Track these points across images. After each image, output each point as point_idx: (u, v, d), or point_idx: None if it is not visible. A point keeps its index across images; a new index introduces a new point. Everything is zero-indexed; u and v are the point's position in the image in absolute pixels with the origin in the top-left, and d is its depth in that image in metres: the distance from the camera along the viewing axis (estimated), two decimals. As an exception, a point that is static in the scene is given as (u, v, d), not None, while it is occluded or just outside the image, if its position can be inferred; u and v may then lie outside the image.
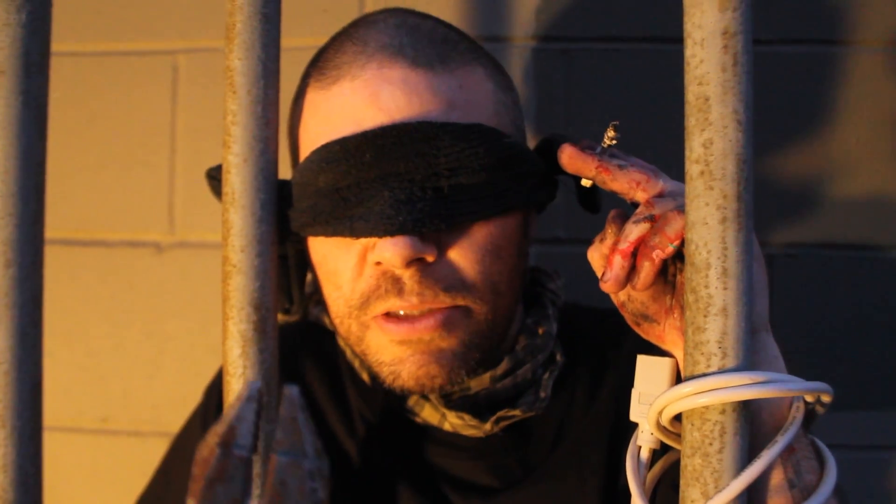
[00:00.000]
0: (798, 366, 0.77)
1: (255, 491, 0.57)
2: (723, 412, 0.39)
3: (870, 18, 0.81)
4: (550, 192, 0.53)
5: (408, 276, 0.47)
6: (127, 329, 0.86)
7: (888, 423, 0.81)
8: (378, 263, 0.48)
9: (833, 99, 0.82)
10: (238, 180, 0.46)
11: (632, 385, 0.51)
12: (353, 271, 0.49)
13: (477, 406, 0.54)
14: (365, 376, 0.58)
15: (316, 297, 0.69)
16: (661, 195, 0.44)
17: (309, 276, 0.59)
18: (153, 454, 0.85)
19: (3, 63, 0.47)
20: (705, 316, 0.39)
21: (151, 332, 0.86)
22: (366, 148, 0.46)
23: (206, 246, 0.85)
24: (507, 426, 0.55)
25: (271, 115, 0.47)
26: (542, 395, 0.54)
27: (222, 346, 0.48)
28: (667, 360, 0.46)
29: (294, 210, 0.49)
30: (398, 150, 0.46)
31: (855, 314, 0.81)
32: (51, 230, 0.86)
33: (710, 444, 0.39)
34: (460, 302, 0.48)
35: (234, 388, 0.47)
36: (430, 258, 0.47)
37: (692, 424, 0.39)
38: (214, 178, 0.53)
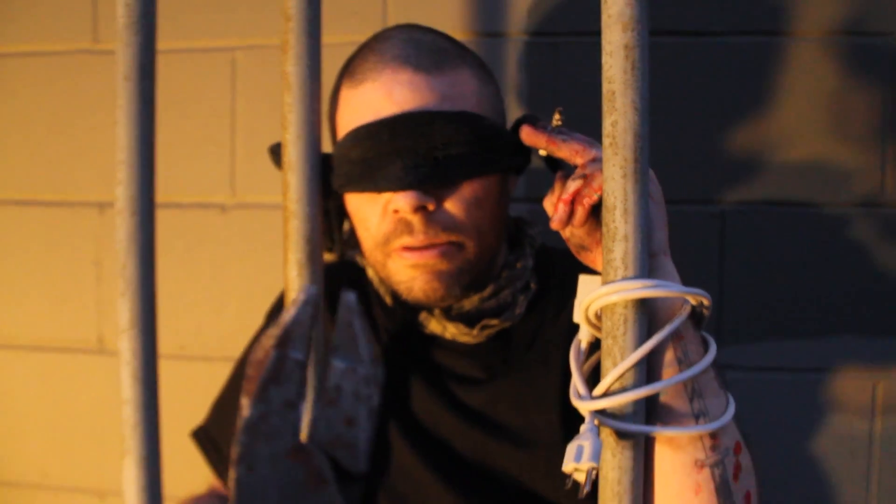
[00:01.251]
0: (747, 302, 0.94)
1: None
2: (625, 307, 0.57)
3: (806, 12, 0.97)
4: (524, 160, 0.71)
5: (416, 220, 0.66)
6: (198, 275, 1.07)
7: (823, 347, 0.98)
8: (395, 211, 0.66)
9: (777, 82, 0.98)
10: (294, 152, 0.65)
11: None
12: (378, 217, 0.68)
13: (469, 319, 0.73)
14: (388, 299, 0.77)
15: (351, 241, 0.88)
16: (594, 160, 0.62)
17: (346, 225, 0.78)
18: (220, 376, 1.06)
19: (128, 72, 0.66)
20: (613, 241, 0.57)
21: (218, 276, 1.07)
22: (383, 130, 0.65)
23: (262, 207, 1.05)
24: (493, 334, 0.74)
25: (316, 105, 0.66)
26: (518, 311, 0.73)
27: (283, 271, 0.67)
28: (597, 276, 0.64)
29: (334, 175, 0.68)
30: (406, 131, 0.64)
31: (794, 259, 0.98)
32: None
33: (617, 329, 0.57)
34: (454, 238, 0.67)
35: (288, 296, 0.66)
36: (430, 207, 0.66)
37: (607, 316, 0.58)
38: (274, 152, 0.72)
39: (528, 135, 0.64)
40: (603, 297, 0.57)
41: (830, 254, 0.98)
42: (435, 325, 0.74)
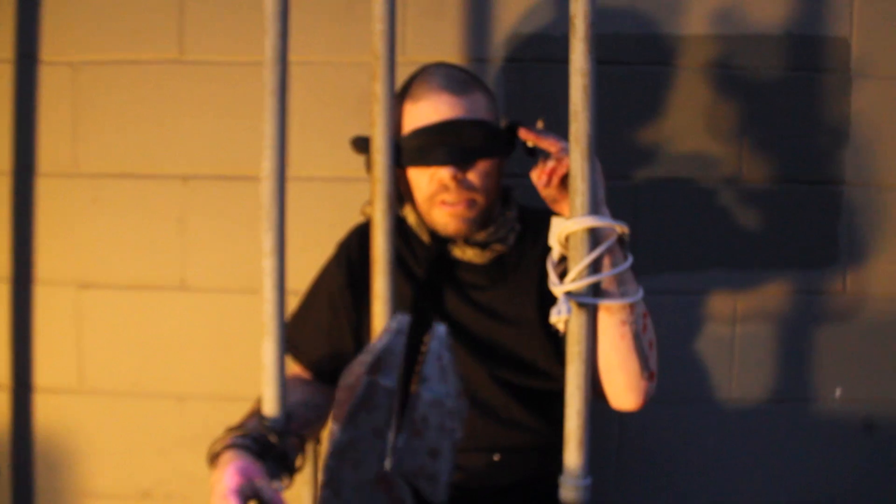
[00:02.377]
0: (650, 245, 1.36)
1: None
2: (584, 232, 1.00)
3: (689, 49, 1.43)
4: (511, 148, 1.13)
5: (452, 184, 1.07)
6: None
7: (699, 277, 1.45)
8: (439, 179, 1.08)
9: (671, 96, 1.44)
10: (381, 142, 1.06)
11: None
12: (428, 182, 1.09)
13: (481, 246, 1.16)
14: (425, 237, 1.18)
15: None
16: (562, 149, 1.05)
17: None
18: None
19: (274, 87, 1.04)
20: (575, 195, 1.00)
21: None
22: (434, 130, 1.06)
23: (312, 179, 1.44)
24: (494, 257, 1.16)
25: (391, 112, 1.06)
26: (510, 241, 1.16)
27: (372, 214, 1.07)
28: (563, 218, 1.07)
29: (401, 155, 1.09)
30: (448, 130, 1.06)
31: (681, 218, 1.45)
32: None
33: (578, 244, 1.00)
34: (473, 196, 1.09)
35: (379, 231, 1.07)
36: (460, 177, 1.07)
37: (571, 238, 1.01)
38: (356, 143, 1.12)
39: (524, 133, 1.06)
40: (570, 226, 1.00)
41: (705, 215, 1.45)
42: (458, 251, 1.16)
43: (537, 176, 1.06)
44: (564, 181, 1.05)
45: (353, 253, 1.23)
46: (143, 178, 1.47)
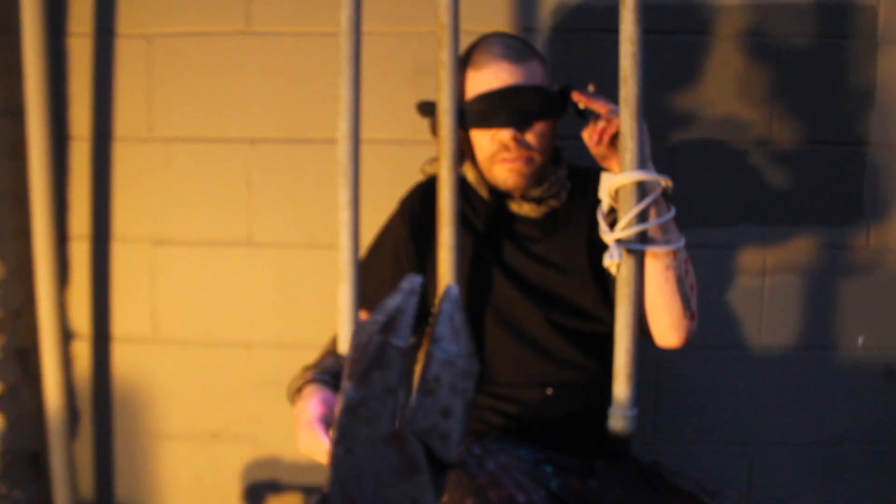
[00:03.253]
0: (686, 201, 1.46)
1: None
2: (632, 185, 1.11)
3: (722, 17, 1.52)
4: (562, 111, 1.23)
5: (512, 144, 1.18)
6: (326, 193, 1.56)
7: (732, 232, 1.56)
8: (500, 139, 1.18)
9: (708, 65, 1.53)
10: (446, 103, 1.16)
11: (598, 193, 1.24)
12: (490, 142, 1.19)
13: (537, 201, 1.26)
14: (484, 192, 1.29)
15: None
16: (611, 111, 1.15)
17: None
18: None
19: (349, 54, 1.15)
20: (625, 152, 1.10)
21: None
22: (495, 95, 1.16)
23: (375, 141, 1.55)
24: (547, 211, 1.27)
25: (455, 77, 1.17)
26: (562, 196, 1.26)
27: (439, 172, 1.18)
28: (612, 173, 1.17)
29: (465, 118, 1.19)
30: (506, 96, 1.16)
31: (715, 176, 1.54)
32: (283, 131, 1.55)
33: (628, 195, 1.11)
34: (531, 154, 1.20)
35: (445, 187, 1.18)
36: (518, 137, 1.17)
37: (621, 190, 1.11)
38: (422, 107, 1.23)
39: (577, 96, 1.16)
40: (620, 180, 1.11)
41: (737, 174, 1.55)
42: (515, 206, 1.27)
43: (588, 135, 1.16)
44: (613, 140, 1.15)
45: (415, 207, 1.34)
46: (213, 141, 1.58)
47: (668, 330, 1.16)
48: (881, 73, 1.52)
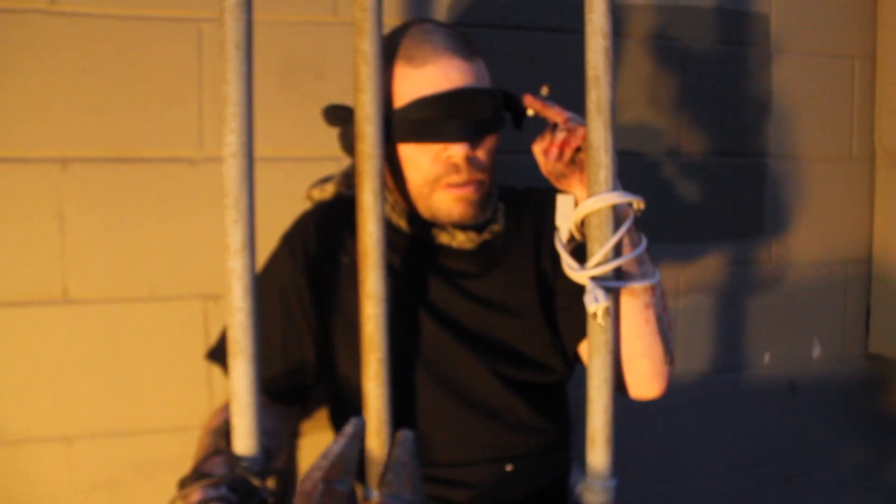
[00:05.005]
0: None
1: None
2: (607, 210, 0.91)
3: (629, 19, 1.39)
4: (504, 122, 1.01)
5: (463, 164, 0.93)
6: (167, 224, 1.19)
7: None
8: (448, 157, 0.92)
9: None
10: (371, 109, 0.88)
11: (542, 216, 1.03)
12: (430, 162, 0.93)
13: (475, 229, 1.02)
14: (401, 221, 1.02)
15: (349, 181, 1.10)
16: (569, 119, 0.94)
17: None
18: (192, 312, 1.20)
19: (238, 41, 0.83)
20: (598, 168, 0.90)
21: (187, 224, 1.20)
22: (444, 100, 0.90)
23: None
24: (483, 242, 1.03)
25: (381, 75, 0.89)
26: (502, 221, 1.03)
27: (360, 197, 0.89)
28: (571, 195, 0.97)
29: (393, 129, 0.91)
30: (459, 101, 0.91)
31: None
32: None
33: (604, 223, 0.91)
34: (481, 177, 0.95)
35: (369, 218, 0.89)
36: (471, 154, 0.93)
37: (594, 216, 0.91)
38: (329, 112, 0.93)
39: (530, 101, 0.94)
40: (592, 204, 0.90)
41: (651, 187, 1.42)
42: (444, 237, 1.01)
43: (543, 149, 0.95)
44: (573, 155, 0.95)
45: (309, 245, 1.04)
46: (9, 161, 1.14)
47: (647, 380, 0.98)
48: (776, 82, 1.48)
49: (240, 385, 0.87)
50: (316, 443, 1.23)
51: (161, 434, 1.20)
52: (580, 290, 0.95)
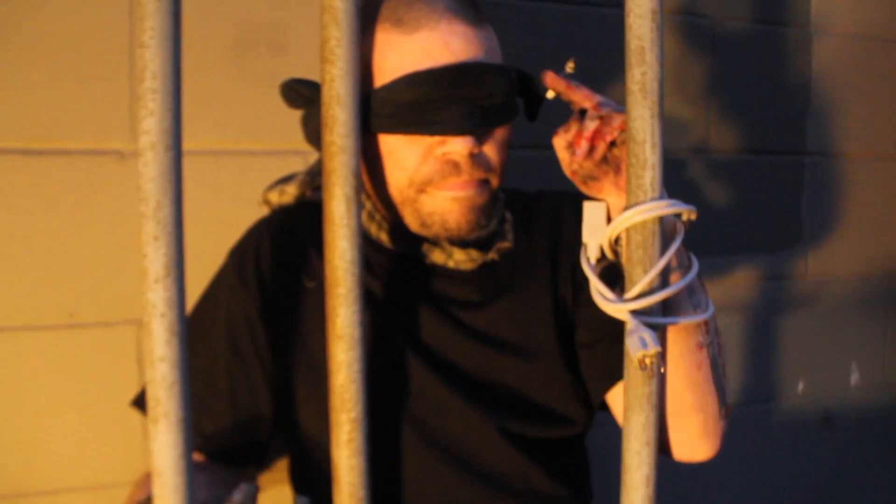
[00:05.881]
0: None
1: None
2: (653, 222, 0.69)
3: None
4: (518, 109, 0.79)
5: (464, 161, 0.71)
6: (93, 231, 0.96)
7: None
8: (445, 154, 0.70)
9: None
10: (342, 87, 0.65)
11: (559, 228, 0.81)
12: (419, 159, 0.71)
13: (478, 247, 0.80)
14: (381, 234, 0.79)
15: (313, 184, 0.88)
16: (599, 104, 0.73)
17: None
18: (122, 341, 0.97)
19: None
20: (643, 169, 0.69)
21: (115, 232, 0.96)
22: (444, 77, 0.68)
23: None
24: (488, 262, 0.81)
25: (358, 42, 0.67)
26: (510, 237, 0.81)
27: (328, 205, 0.67)
28: (601, 203, 0.75)
29: (374, 115, 0.69)
30: (463, 79, 0.69)
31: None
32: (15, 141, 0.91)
33: (648, 241, 0.69)
34: (488, 176, 0.74)
35: (340, 234, 0.67)
36: (476, 150, 0.71)
37: (637, 231, 0.69)
38: (291, 89, 0.70)
39: (552, 79, 0.72)
40: (634, 216, 0.69)
41: (669, 189, 1.21)
42: (438, 255, 0.79)
43: (567, 143, 0.73)
44: (608, 149, 0.73)
45: (263, 262, 0.82)
46: None
47: (696, 439, 0.77)
48: (817, 68, 1.28)
49: (163, 461, 0.64)
50: (276, 500, 1.01)
51: (82, 494, 0.97)
52: (608, 322, 0.74)
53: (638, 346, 0.67)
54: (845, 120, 1.31)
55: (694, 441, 0.76)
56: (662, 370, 0.66)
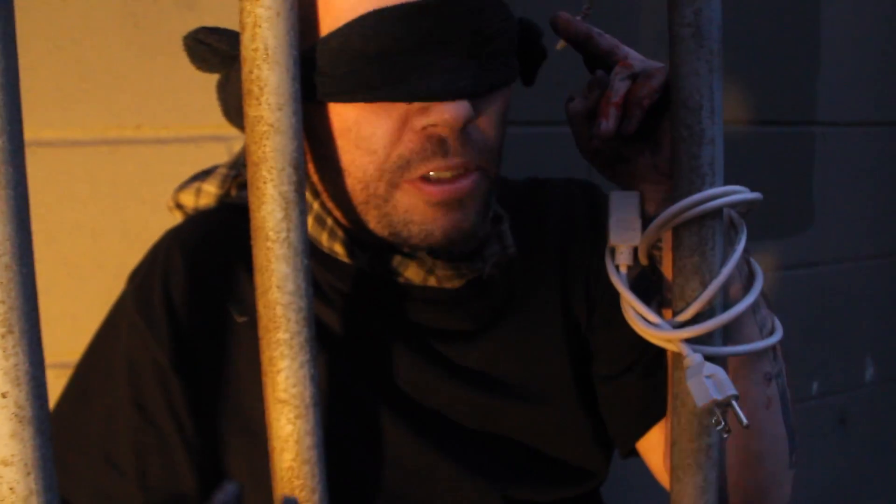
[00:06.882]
0: None
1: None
2: (713, 217, 0.50)
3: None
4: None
5: (453, 138, 0.50)
6: None
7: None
8: (424, 128, 0.50)
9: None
10: (271, 35, 0.44)
11: (570, 227, 0.62)
12: (391, 136, 0.50)
13: (454, 258, 0.59)
14: (339, 249, 0.58)
15: (239, 179, 0.66)
16: (634, 59, 0.54)
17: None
18: None
19: None
20: (699, 146, 0.50)
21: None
22: (424, 16, 0.47)
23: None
24: (475, 278, 0.61)
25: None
26: (511, 244, 0.61)
27: (256, 213, 0.46)
28: (635, 193, 0.56)
29: (321, 76, 0.48)
30: (453, 18, 0.48)
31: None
32: None
33: (706, 244, 0.50)
34: (484, 164, 0.53)
35: (278, 254, 0.46)
36: (470, 119, 0.50)
37: (690, 231, 0.50)
38: (198, 41, 0.49)
39: (567, 22, 0.52)
40: (696, 208, 0.50)
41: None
42: (414, 272, 0.58)
43: (589, 110, 0.53)
44: (644, 124, 0.54)
45: (175, 289, 0.59)
46: None
47: (762, 494, 0.58)
48: (825, 24, 1.11)
49: None
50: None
51: None
52: (634, 346, 0.57)
53: (702, 393, 0.48)
54: (859, 84, 1.15)
55: (759, 496, 0.58)
56: (746, 424, 0.47)
